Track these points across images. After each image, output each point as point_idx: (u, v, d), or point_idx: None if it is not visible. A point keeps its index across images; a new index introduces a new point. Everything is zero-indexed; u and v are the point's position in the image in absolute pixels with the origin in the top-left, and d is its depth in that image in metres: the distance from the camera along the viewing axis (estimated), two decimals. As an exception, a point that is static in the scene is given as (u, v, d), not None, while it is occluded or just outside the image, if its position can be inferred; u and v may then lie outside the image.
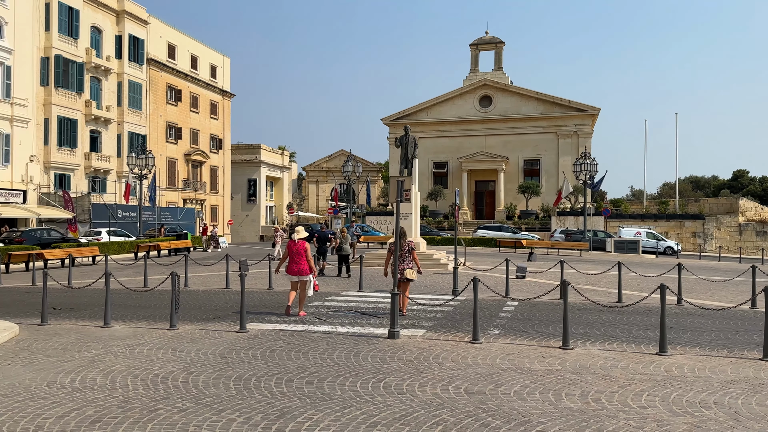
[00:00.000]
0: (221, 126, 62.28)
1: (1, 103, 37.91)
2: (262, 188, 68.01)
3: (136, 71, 49.80)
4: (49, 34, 41.52)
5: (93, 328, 10.41)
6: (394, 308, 9.50)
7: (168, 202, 52.15)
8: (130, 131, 48.71)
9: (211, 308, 13.05)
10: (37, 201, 39.81)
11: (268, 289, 16.51)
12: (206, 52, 60.28)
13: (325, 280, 18.49)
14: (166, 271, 20.57)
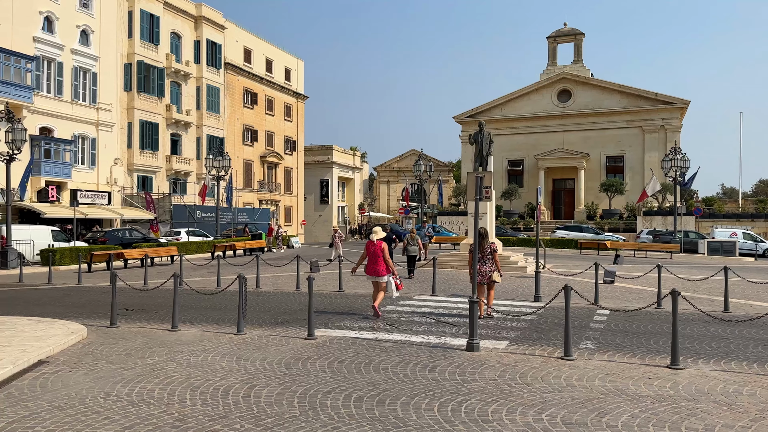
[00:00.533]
0: (295, 128, 63.04)
1: (88, 109, 39.73)
2: (334, 189, 68.37)
3: (214, 75, 51.09)
4: (132, 40, 43.20)
5: (160, 331, 10.12)
6: (473, 317, 8.60)
7: (245, 203, 53.23)
8: (209, 134, 50.01)
9: (280, 311, 12.60)
10: (121, 202, 41.47)
11: (339, 291, 15.96)
12: (280, 56, 61.18)
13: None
14: (240, 271, 20.54)
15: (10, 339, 8.56)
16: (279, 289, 16.77)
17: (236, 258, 30.32)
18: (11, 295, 15.83)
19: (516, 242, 38.36)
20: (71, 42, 38.49)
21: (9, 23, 34.34)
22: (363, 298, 14.67)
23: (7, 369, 6.82)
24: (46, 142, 36.02)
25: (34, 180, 35.67)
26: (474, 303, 8.59)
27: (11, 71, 33.72)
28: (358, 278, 19.20)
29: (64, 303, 14.19)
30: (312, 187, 67.02)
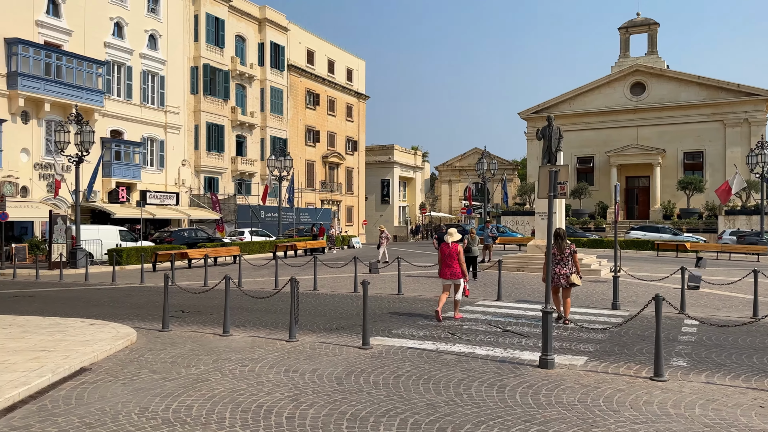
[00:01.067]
0: (356, 128, 62.91)
1: (157, 111, 40.78)
2: (396, 188, 67.81)
3: (278, 77, 51.55)
4: (198, 44, 44.07)
5: (211, 336, 9.69)
6: (547, 329, 7.64)
7: (307, 203, 53.47)
8: (272, 135, 50.49)
9: (336, 315, 11.98)
10: (188, 203, 42.37)
11: (398, 294, 15.21)
12: (342, 56, 61.18)
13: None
14: (297, 272, 20.15)
15: (58, 343, 8.30)
16: (336, 291, 16.22)
17: (296, 258, 30.18)
18: (74, 295, 16.00)
19: (587, 243, 36.49)
20: (140, 47, 39.59)
21: (82, 30, 35.62)
22: (423, 302, 13.88)
23: (45, 378, 6.47)
24: (116, 145, 37.16)
25: (105, 181, 36.89)
26: (548, 314, 7.64)
27: (83, 76, 34.94)
28: (418, 280, 18.43)
29: (123, 304, 14.13)
30: (373, 187, 66.73)
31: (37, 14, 33.17)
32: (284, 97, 52.34)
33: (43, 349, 7.86)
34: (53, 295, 15.89)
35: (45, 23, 33.51)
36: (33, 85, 32.26)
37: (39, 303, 14.34)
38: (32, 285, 18.96)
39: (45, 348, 7.96)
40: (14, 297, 15.61)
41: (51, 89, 33.04)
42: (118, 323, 10.54)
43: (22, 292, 16.70)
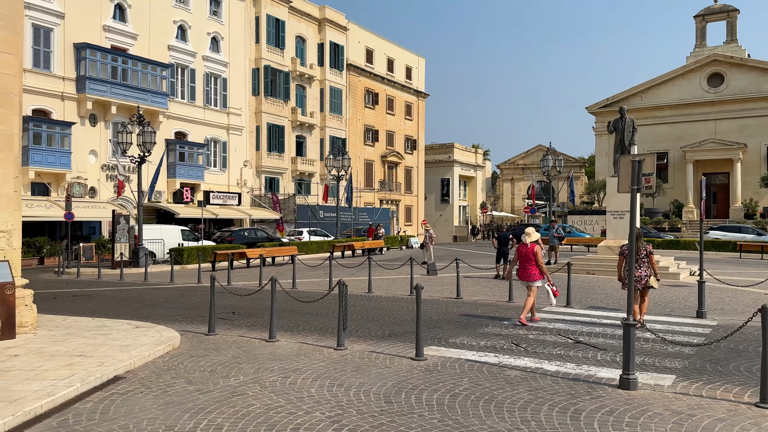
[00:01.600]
0: (415, 127, 62.12)
1: (219, 113, 41.36)
2: (456, 188, 66.55)
3: (337, 77, 51.45)
4: (259, 45, 44.45)
5: (257, 342, 9.15)
6: (629, 344, 6.61)
7: (366, 203, 53.14)
8: (332, 135, 50.42)
9: (390, 320, 11.23)
10: (250, 203, 42.81)
11: (456, 298, 14.31)
12: (402, 54, 60.55)
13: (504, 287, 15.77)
14: (352, 273, 19.57)
15: (97, 348, 7.95)
16: (392, 293, 15.48)
17: (353, 258, 29.68)
18: (130, 295, 15.98)
19: (662, 244, 34.28)
20: (203, 49, 40.25)
21: (147, 33, 36.48)
22: (484, 306, 12.94)
23: (72, 388, 6.03)
24: (180, 146, 37.88)
25: (170, 182, 37.68)
26: (630, 326, 6.61)
27: (148, 79, 35.76)
28: (479, 283, 17.46)
29: (175, 305, 13.91)
30: (433, 187, 65.74)
31: (105, 19, 34.17)
32: (343, 96, 52.20)
33: (80, 354, 7.50)
34: (110, 294, 15.93)
35: (112, 28, 34.50)
36: (100, 88, 33.25)
37: (94, 303, 14.33)
38: (93, 284, 19.22)
39: (82, 353, 7.61)
40: (73, 296, 15.74)
41: (117, 92, 33.98)
42: (164, 326, 10.19)
43: (82, 291, 16.86)
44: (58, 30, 31.96)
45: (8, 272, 8.62)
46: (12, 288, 8.59)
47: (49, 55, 31.71)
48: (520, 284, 11.19)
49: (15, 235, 9.18)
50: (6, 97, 8.95)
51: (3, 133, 8.91)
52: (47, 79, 31.52)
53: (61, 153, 31.57)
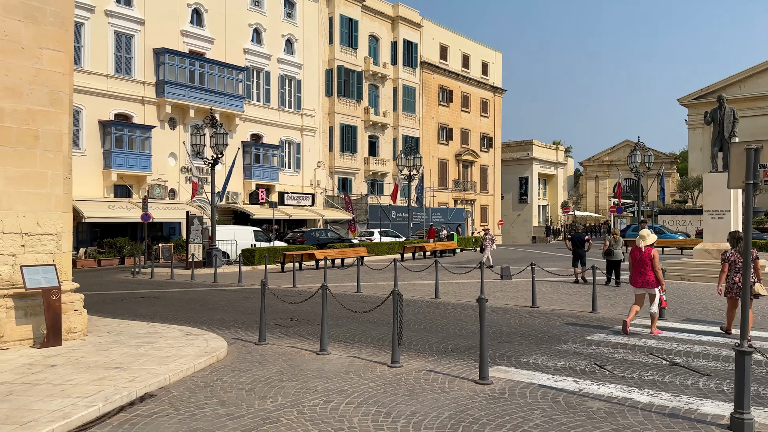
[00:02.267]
0: (491, 124, 60.32)
1: (293, 115, 41.59)
2: (534, 186, 64.09)
3: (410, 75, 50.68)
4: (332, 46, 44.38)
5: (307, 354, 8.43)
6: (743, 375, 5.33)
7: (439, 203, 52.05)
8: (405, 134, 49.70)
9: (455, 332, 10.23)
10: (323, 203, 42.82)
11: (531, 307, 13.08)
12: (477, 50, 58.97)
13: (586, 295, 14.28)
14: (421, 276, 18.64)
15: (136, 359, 7.49)
16: (461, 300, 14.43)
17: (424, 260, 28.72)
18: (196, 297, 15.82)
19: (764, 246, 31.05)
20: (277, 51, 40.59)
21: (223, 37, 37.14)
22: (562, 317, 11.67)
23: (93, 408, 5.50)
24: (255, 148, 38.34)
25: (246, 183, 38.22)
26: (744, 354, 5.32)
27: (224, 82, 36.37)
28: (558, 290, 16.08)
29: (236, 308, 13.52)
30: (510, 186, 63.63)
31: (183, 24, 35.04)
32: (416, 95, 51.35)
33: (116, 367, 7.04)
34: (176, 296, 15.84)
35: (189, 32, 35.33)
36: (179, 92, 34.11)
37: (159, 305, 14.22)
38: (164, 285, 19.37)
39: (120, 365, 7.15)
40: (141, 298, 15.76)
41: (195, 96, 34.74)
42: (216, 333, 9.72)
43: (151, 293, 16.92)
44: (138, 36, 33.03)
45: (54, 276, 8.36)
46: (58, 293, 8.32)
47: (130, 60, 32.84)
48: (631, 291, 10.55)
49: (65, 238, 8.94)
50: (55, 96, 8.72)
51: (52, 132, 8.68)
52: (129, 84, 32.65)
53: (141, 156, 32.62)
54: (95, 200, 30.41)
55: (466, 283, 17.68)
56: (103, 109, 31.56)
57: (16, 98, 8.32)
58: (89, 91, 30.76)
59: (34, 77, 8.49)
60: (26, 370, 6.88)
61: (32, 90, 8.48)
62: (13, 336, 8.25)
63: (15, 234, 8.34)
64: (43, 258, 8.60)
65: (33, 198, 8.49)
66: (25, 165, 8.41)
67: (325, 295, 8.54)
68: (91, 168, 31.03)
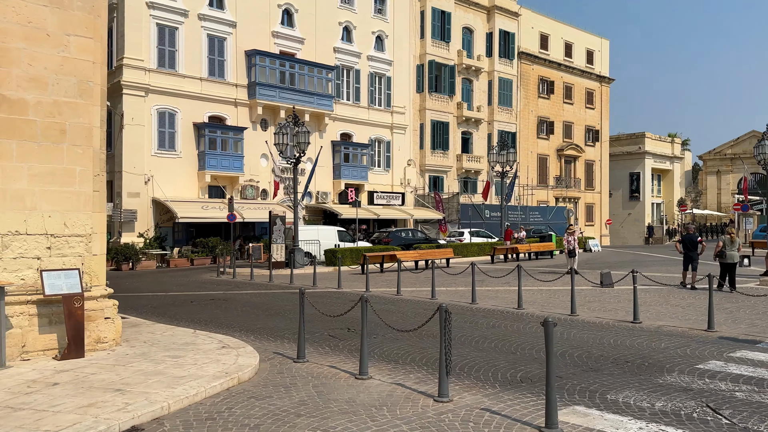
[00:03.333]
0: (598, 116, 56.32)
1: (383, 113, 40.74)
2: (647, 183, 59.10)
3: (507, 67, 48.31)
4: (423, 41, 43.07)
5: (344, 378, 7.21)
6: None
7: (538, 201, 49.22)
8: (500, 129, 47.41)
9: (530, 354, 8.56)
10: (413, 203, 41.65)
11: (632, 322, 11.05)
12: (581, 37, 55.30)
13: (701, 307, 11.88)
14: (505, 281, 16.90)
15: (147, 378, 6.62)
16: (547, 310, 12.60)
17: (516, 262, 26.67)
18: (264, 300, 15.14)
19: None
20: (367, 49, 39.92)
21: (313, 37, 36.96)
22: (669, 337, 9.62)
23: (53, 447, 4.58)
24: (345, 147, 37.89)
25: (335, 183, 37.87)
26: None
27: (314, 82, 36.17)
28: (668, 300, 13.78)
29: (292, 315, 12.59)
30: (619, 182, 59.13)
31: (273, 25, 35.20)
32: (514, 87, 48.84)
33: (119, 389, 6.18)
34: (245, 299, 15.24)
35: (280, 33, 35.44)
36: (269, 93, 34.29)
37: (222, 309, 13.63)
38: (241, 286, 19.00)
39: (124, 386, 6.29)
40: (211, 300, 15.34)
41: (285, 96, 34.77)
42: (260, 344, 8.81)
43: (224, 294, 16.51)
44: (230, 38, 33.53)
45: (77, 282, 7.72)
46: (81, 300, 7.68)
47: (222, 63, 33.40)
48: (757, 303, 8.03)
49: (96, 240, 8.33)
50: (84, 86, 8.10)
51: (80, 125, 8.07)
52: (221, 87, 33.22)
53: (234, 157, 33.09)
54: (189, 201, 31.16)
55: (557, 291, 15.72)
56: (198, 111, 32.31)
57: (40, 89, 7.77)
58: (184, 94, 31.58)
59: (60, 66, 7.92)
60: (25, 388, 6.20)
61: (58, 80, 7.90)
62: (36, 346, 7.71)
63: (39, 235, 7.80)
64: (71, 261, 8.01)
65: (59, 197, 7.92)
66: (50, 161, 7.84)
67: (366, 308, 7.27)
68: (186, 169, 31.86)
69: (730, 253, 15.04)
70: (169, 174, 31.12)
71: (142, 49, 30.40)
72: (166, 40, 31.31)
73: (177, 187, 31.45)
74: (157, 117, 31.01)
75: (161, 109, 31.13)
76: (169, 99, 31.30)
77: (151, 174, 30.52)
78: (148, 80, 30.51)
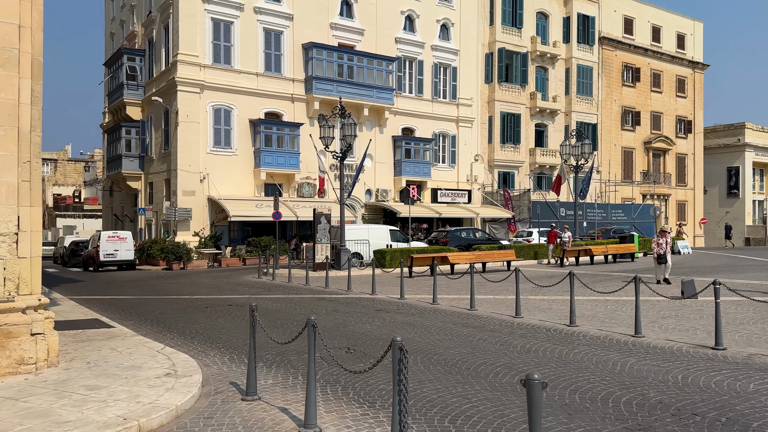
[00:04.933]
0: (690, 105, 51.20)
1: (448, 105, 38.52)
2: (748, 178, 53.15)
3: (586, 54, 44.67)
4: (493, 28, 40.46)
5: (287, 430, 5.36)
6: None
7: (623, 198, 45.19)
8: (579, 121, 43.88)
9: (573, 399, 6.36)
10: (481, 200, 39.16)
11: (714, 348, 8.45)
12: (671, 20, 50.47)
13: None
14: (558, 291, 14.43)
15: (22, 421, 5.07)
16: (607, 328, 10.13)
17: (591, 266, 23.73)
18: (280, 307, 13.57)
19: None
20: (431, 38, 37.87)
21: (374, 28, 35.36)
22: (764, 374, 7.06)
23: None
24: (406, 142, 36.04)
25: (396, 180, 36.10)
26: None
27: (374, 74, 34.56)
28: (765, 318, 10.90)
29: (296, 327, 10.87)
30: (715, 177, 53.59)
31: (332, 17, 33.91)
32: (594, 75, 45.09)
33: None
34: (263, 306, 13.72)
35: (339, 25, 34.11)
36: (326, 87, 33.01)
37: (227, 317, 12.18)
38: (274, 289, 17.63)
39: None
40: (228, 305, 14.00)
41: (343, 90, 33.38)
42: (214, 371, 7.14)
43: (247, 299, 15.14)
44: (287, 32, 32.55)
45: (-16, 291, 6.34)
46: (-14, 313, 6.29)
47: (279, 57, 32.47)
48: None
49: (25, 240, 6.96)
50: (6, 55, 6.73)
51: (1, 101, 6.71)
52: (278, 82, 32.30)
53: (290, 154, 32.08)
54: (243, 199, 30.41)
55: (625, 303, 13.09)
56: (254, 107, 31.54)
57: (-55, 59, 6.47)
58: (239, 90, 30.89)
59: (-29, 31, 6.59)
60: None
61: (-31, 48, 6.57)
62: (-63, 367, 6.41)
63: (-54, 235, 6.50)
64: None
65: (-28, 188, 6.59)
66: (-40, 145, 6.53)
67: (313, 335, 5.38)
68: (241, 167, 31.17)
69: None
70: (224, 172, 30.52)
71: (197, 45, 29.95)
72: (222, 35, 30.73)
73: (232, 186, 30.82)
74: (212, 114, 30.49)
75: (216, 105, 30.58)
76: (224, 95, 30.70)
77: (206, 172, 30.03)
78: (203, 76, 30.03)
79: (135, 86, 34.31)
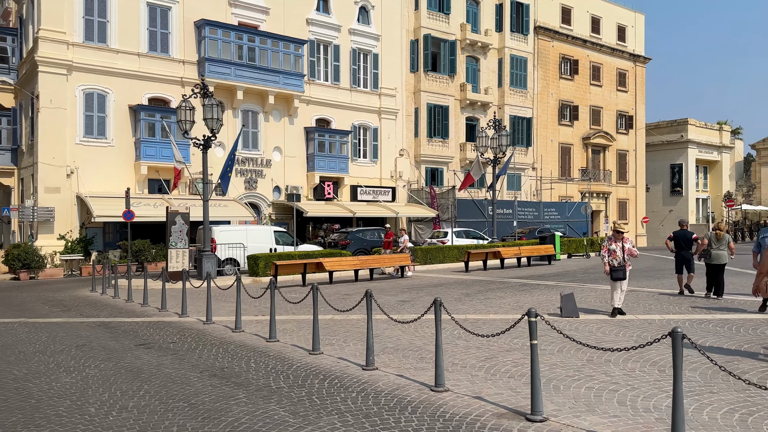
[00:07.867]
0: (632, 100, 49.18)
1: (369, 95, 35.21)
2: (691, 175, 51.47)
3: (520, 44, 41.99)
4: (418, 12, 37.36)
5: None
6: None
7: (560, 196, 42.66)
8: (513, 115, 41.19)
9: None
10: (406, 199, 35.98)
11: (433, 388, 5.21)
12: (611, 11, 48.34)
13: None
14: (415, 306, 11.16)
15: None
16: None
17: (500, 271, 20.67)
18: (42, 337, 9.90)
19: None
20: (348, 21, 34.50)
21: (281, 7, 31.78)
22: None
23: None
24: (320, 134, 32.56)
25: (309, 176, 32.61)
26: None
27: (280, 58, 30.97)
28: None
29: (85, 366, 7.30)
30: (658, 175, 51.76)
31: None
32: (529, 66, 42.46)
33: None
34: (18, 338, 10.03)
35: (239, 2, 30.40)
36: (223, 71, 29.23)
37: None
38: (86, 308, 13.88)
39: None
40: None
41: (243, 74, 29.71)
42: None
43: (20, 323, 11.39)
44: (176, 8, 28.66)
45: None
46: None
47: (167, 36, 28.56)
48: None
49: None
50: None
51: None
52: (165, 64, 28.37)
53: (178, 145, 28.19)
54: (119, 197, 26.41)
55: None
56: (135, 92, 27.50)
57: None
58: (117, 72, 26.89)
59: None
60: None
61: None
62: None
63: None
64: None
65: None
66: None
67: None
68: (119, 160, 27.12)
69: (715, 252, 12.70)
70: (98, 166, 26.47)
71: (64, 20, 25.86)
72: (96, 10, 26.69)
73: (108, 181, 26.77)
74: (83, 99, 26.40)
75: (88, 89, 26.51)
76: (98, 78, 26.65)
77: (75, 165, 25.96)
78: (71, 56, 25.94)
79: (6, 69, 29.95)
